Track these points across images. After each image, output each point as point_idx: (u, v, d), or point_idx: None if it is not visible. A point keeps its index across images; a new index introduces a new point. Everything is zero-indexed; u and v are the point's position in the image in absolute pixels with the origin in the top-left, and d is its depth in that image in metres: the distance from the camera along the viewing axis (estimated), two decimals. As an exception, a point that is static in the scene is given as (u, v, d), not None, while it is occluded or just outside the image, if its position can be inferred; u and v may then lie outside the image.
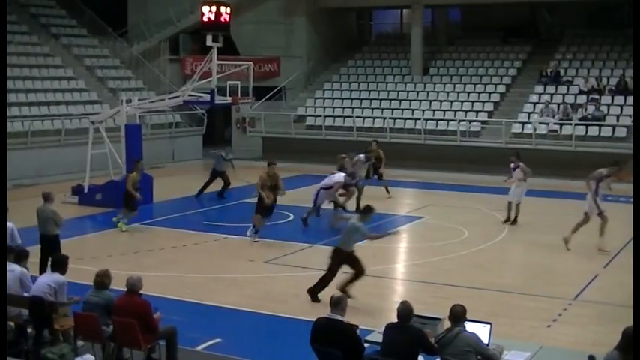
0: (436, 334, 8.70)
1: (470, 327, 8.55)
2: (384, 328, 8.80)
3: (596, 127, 30.59)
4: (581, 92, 33.02)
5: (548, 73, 34.87)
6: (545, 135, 30.93)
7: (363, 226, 13.49)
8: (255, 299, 13.75)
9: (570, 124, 30.91)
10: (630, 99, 31.67)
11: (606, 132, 30.45)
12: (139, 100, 26.06)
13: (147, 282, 10.16)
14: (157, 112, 32.24)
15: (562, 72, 34.82)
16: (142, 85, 35.98)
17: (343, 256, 13.48)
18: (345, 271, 13.56)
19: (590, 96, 32.47)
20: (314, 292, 13.53)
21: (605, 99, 32.25)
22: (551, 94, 33.51)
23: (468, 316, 8.55)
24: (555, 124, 31.35)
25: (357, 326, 9.04)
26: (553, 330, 11.86)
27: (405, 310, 8.64)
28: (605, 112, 31.50)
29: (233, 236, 19.17)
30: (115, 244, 18.34)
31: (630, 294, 13.78)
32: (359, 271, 13.47)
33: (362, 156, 23.18)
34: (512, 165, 20.81)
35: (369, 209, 13.86)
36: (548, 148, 30.11)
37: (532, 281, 15.06)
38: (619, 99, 32.03)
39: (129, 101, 24.59)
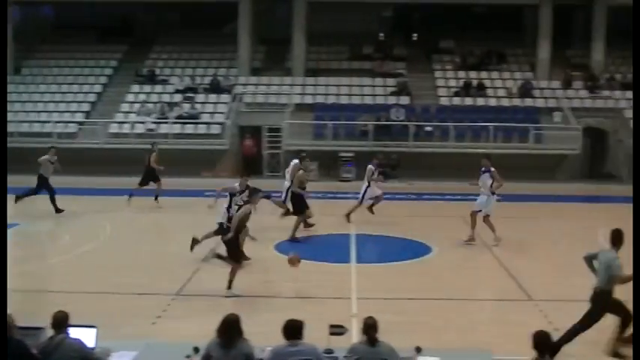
0: (38, 343, 8.39)
1: (74, 332, 8.39)
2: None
3: (192, 125, 31.68)
4: (176, 91, 34.00)
5: (144, 73, 35.39)
6: (142, 134, 31.30)
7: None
8: None
9: (167, 123, 31.70)
10: (222, 97, 33.32)
11: (201, 129, 31.63)
12: None
13: None
14: None
15: (157, 71, 35.55)
16: None
17: (609, 300, 10.54)
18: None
19: (185, 95, 33.54)
20: (559, 347, 9.98)
21: (200, 97, 33.51)
22: (148, 93, 34.08)
23: (75, 322, 8.37)
24: (152, 122, 31.91)
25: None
26: (158, 326, 12.06)
27: None
28: (200, 109, 32.74)
29: None
30: None
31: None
32: (627, 316, 10.49)
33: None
34: (483, 169, 18.35)
35: (621, 234, 10.73)
36: (146, 147, 30.39)
37: (136, 280, 15.09)
38: (212, 97, 33.48)
39: None
